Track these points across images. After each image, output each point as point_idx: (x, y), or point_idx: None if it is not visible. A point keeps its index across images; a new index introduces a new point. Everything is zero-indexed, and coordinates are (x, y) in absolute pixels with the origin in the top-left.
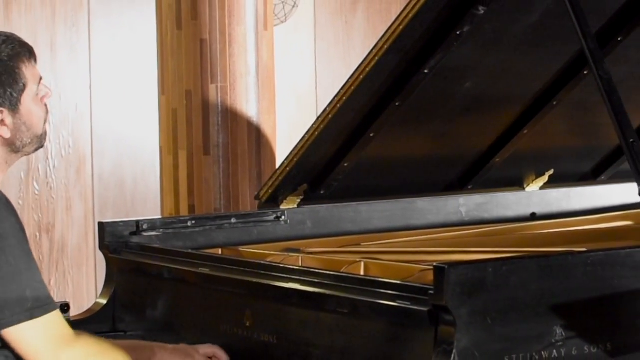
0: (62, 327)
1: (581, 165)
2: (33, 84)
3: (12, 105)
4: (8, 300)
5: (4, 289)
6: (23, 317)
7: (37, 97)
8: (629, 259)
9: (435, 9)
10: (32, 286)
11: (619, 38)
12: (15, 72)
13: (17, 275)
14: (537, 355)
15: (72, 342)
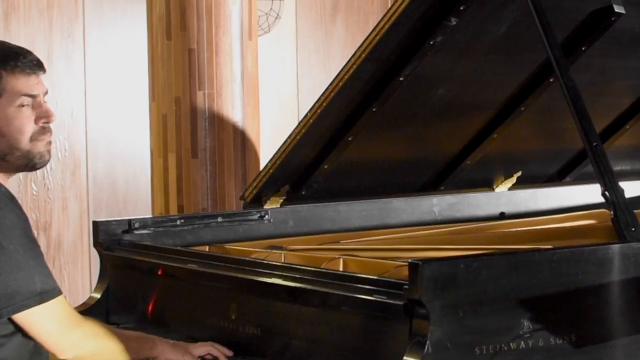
0: (69, 309)
1: (547, 167)
2: (17, 92)
3: None
4: (18, 287)
5: (14, 276)
6: (33, 302)
7: (22, 108)
8: (593, 256)
9: (410, 20)
10: (40, 273)
11: (582, 48)
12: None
13: (25, 263)
14: (505, 347)
15: (80, 323)
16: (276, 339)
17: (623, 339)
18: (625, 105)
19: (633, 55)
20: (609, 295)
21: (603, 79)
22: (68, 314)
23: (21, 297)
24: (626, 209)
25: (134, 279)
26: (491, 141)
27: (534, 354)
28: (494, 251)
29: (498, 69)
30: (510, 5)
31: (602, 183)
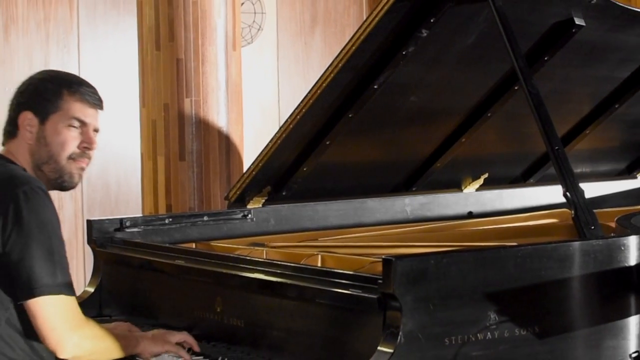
0: (77, 311)
1: (512, 169)
2: (70, 115)
3: (39, 114)
4: (41, 275)
5: (41, 264)
6: (53, 290)
7: (73, 128)
8: (555, 253)
9: (384, 32)
10: (62, 268)
11: (545, 58)
12: (56, 93)
13: (51, 255)
14: (473, 337)
15: (83, 325)
16: (258, 330)
17: (583, 330)
18: (585, 112)
19: (592, 65)
20: (570, 289)
21: (564, 87)
22: (74, 314)
23: (40, 284)
24: (586, 209)
25: (125, 274)
26: (460, 145)
27: (500, 344)
28: (462, 248)
29: (466, 78)
30: (478, 17)
31: (563, 184)
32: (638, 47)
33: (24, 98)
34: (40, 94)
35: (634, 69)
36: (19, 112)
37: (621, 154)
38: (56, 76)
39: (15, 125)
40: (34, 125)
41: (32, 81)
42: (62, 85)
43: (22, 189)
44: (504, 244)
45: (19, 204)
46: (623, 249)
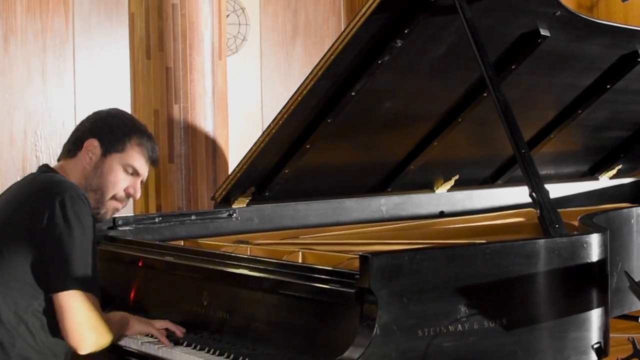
0: (100, 311)
1: (482, 171)
2: (129, 161)
3: (104, 146)
4: (77, 270)
5: (77, 261)
6: (82, 287)
7: (126, 174)
8: (521, 249)
9: (361, 42)
10: (94, 269)
11: (512, 66)
12: (126, 135)
13: (85, 256)
14: (445, 329)
15: (102, 323)
16: (242, 322)
17: (548, 323)
18: (550, 117)
19: (557, 73)
20: (536, 284)
21: (531, 94)
22: (97, 314)
23: (74, 279)
24: (551, 208)
25: (118, 270)
26: (432, 148)
27: (470, 336)
28: (434, 245)
29: (438, 85)
30: (449, 28)
31: (529, 185)
32: (600, 56)
33: (96, 126)
34: (112, 130)
35: (596, 77)
36: (87, 137)
37: (584, 156)
38: (132, 121)
39: (78, 147)
40: (96, 154)
41: (109, 115)
42: (134, 132)
43: (69, 192)
44: (473, 241)
45: (65, 204)
46: (585, 246)
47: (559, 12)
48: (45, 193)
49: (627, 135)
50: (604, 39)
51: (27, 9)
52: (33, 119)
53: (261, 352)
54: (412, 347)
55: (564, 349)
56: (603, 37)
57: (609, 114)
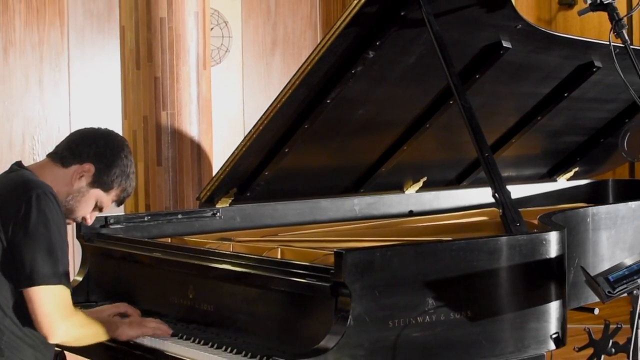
0: (68, 302)
1: (448, 173)
2: (105, 201)
3: (96, 179)
4: (43, 267)
5: (43, 257)
6: (50, 281)
7: (94, 206)
8: (485, 246)
9: (335, 53)
10: (63, 262)
11: (476, 76)
12: (118, 183)
13: (53, 250)
14: (414, 320)
15: (72, 315)
16: (226, 314)
17: (510, 314)
18: (511, 123)
19: (518, 82)
20: (498, 278)
21: (493, 101)
22: (66, 305)
23: (41, 275)
24: (512, 208)
25: (110, 265)
26: (402, 152)
27: (437, 327)
28: (404, 242)
29: (408, 93)
30: (418, 40)
31: (492, 186)
32: (558, 66)
33: (100, 154)
34: (110, 168)
35: (554, 85)
36: (87, 160)
37: (543, 160)
38: (128, 164)
39: (74, 161)
40: (84, 180)
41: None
42: (126, 180)
43: (36, 191)
44: (440, 238)
45: (31, 203)
46: (545, 244)
47: (520, 25)
48: (16, 192)
49: (583, 140)
50: (561, 50)
51: (25, 22)
52: (31, 125)
53: (243, 341)
54: (384, 337)
55: (525, 338)
56: (561, 49)
57: (566, 120)
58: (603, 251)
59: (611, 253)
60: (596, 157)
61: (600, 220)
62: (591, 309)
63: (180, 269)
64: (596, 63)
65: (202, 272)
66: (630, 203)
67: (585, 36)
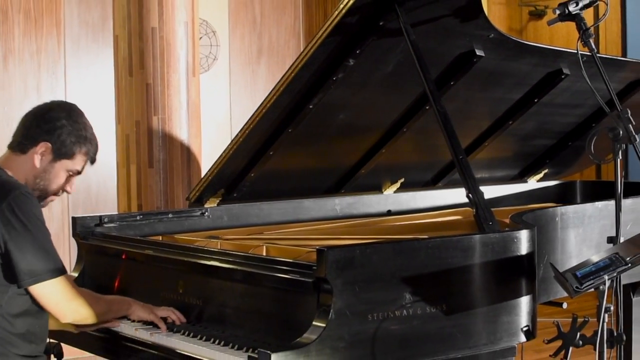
0: (70, 285)
1: (424, 174)
2: (75, 167)
3: (56, 153)
4: (39, 264)
5: (37, 255)
6: (50, 276)
7: (68, 175)
8: (459, 244)
9: (317, 61)
10: (54, 255)
11: (451, 82)
12: (78, 146)
13: (44, 247)
14: (392, 314)
15: (77, 295)
16: (213, 308)
17: (483, 308)
18: (484, 127)
19: (490, 88)
20: (472, 274)
21: (467, 106)
22: (70, 288)
23: (40, 272)
24: (485, 207)
25: (104, 262)
26: (380, 155)
27: (414, 320)
28: (382, 240)
29: (386, 99)
30: (396, 49)
31: (466, 187)
32: (528, 73)
33: (48, 129)
34: (64, 136)
35: (525, 91)
36: (40, 138)
37: (514, 162)
38: (82, 125)
39: (30, 145)
40: (46, 157)
41: (60, 118)
42: (85, 144)
43: (15, 193)
44: (417, 236)
45: (12, 206)
46: (516, 241)
47: (492, 34)
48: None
49: (552, 143)
50: (532, 58)
51: (24, 32)
52: None
53: (230, 334)
54: (363, 330)
55: (497, 331)
56: (531, 57)
57: (536, 125)
58: (571, 249)
59: (579, 250)
60: (565, 160)
61: (569, 220)
62: (560, 304)
63: (170, 265)
64: (565, 70)
65: (191, 268)
66: (597, 203)
67: (554, 45)
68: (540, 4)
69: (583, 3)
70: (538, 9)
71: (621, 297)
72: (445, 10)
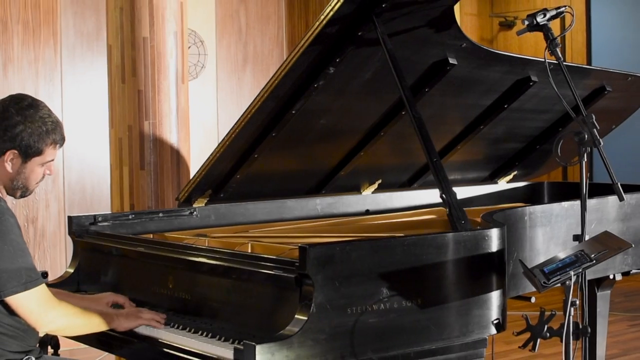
0: (47, 295)
1: (400, 176)
2: (47, 158)
3: (23, 155)
4: (9, 276)
5: (7, 267)
6: (20, 289)
7: (43, 166)
8: (433, 242)
9: (299, 69)
10: (26, 267)
11: (426, 89)
12: (42, 142)
13: (15, 259)
14: (370, 308)
15: (55, 306)
16: (201, 302)
17: (456, 302)
18: (457, 131)
19: (463, 94)
20: (445, 270)
21: (441, 112)
22: (46, 299)
23: (11, 285)
24: (458, 207)
25: (98, 258)
26: (359, 157)
27: (390, 313)
28: (361, 238)
29: (365, 104)
30: (374, 57)
31: (440, 188)
32: (498, 81)
33: (12, 139)
34: (28, 140)
35: (495, 98)
36: (5, 149)
37: (485, 164)
38: (41, 121)
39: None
40: (16, 163)
41: (19, 122)
42: (49, 136)
43: None
44: (394, 234)
45: None
46: (487, 239)
47: (465, 44)
48: None
49: (521, 147)
50: (502, 67)
51: (23, 41)
52: None
53: (217, 326)
54: (343, 323)
55: (469, 324)
56: (501, 65)
57: (506, 129)
58: (539, 246)
59: (546, 248)
60: (533, 162)
61: (537, 219)
62: (528, 298)
63: (161, 261)
64: (533, 78)
65: (180, 264)
66: (564, 203)
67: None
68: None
69: (550, 14)
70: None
71: (586, 292)
72: (420, 21)
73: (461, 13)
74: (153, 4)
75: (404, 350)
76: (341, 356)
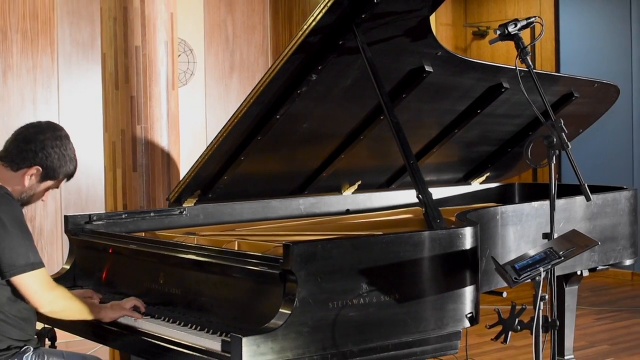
0: (48, 278)
1: (379, 177)
2: (54, 186)
3: (43, 176)
4: (18, 258)
5: (16, 251)
6: (27, 269)
7: (46, 191)
8: (410, 240)
9: (283, 76)
10: (32, 251)
11: (403, 95)
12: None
13: (23, 242)
14: (350, 302)
15: (55, 288)
16: (191, 297)
17: (431, 297)
18: (433, 135)
19: (438, 100)
20: (422, 267)
21: (418, 117)
22: (47, 281)
23: (19, 265)
24: (433, 207)
25: (93, 255)
26: (340, 160)
27: (370, 307)
28: (342, 236)
29: (345, 110)
30: (354, 65)
31: (416, 188)
32: (472, 87)
33: (43, 155)
34: (53, 162)
35: (469, 103)
36: (33, 162)
37: (459, 166)
38: (69, 153)
39: (23, 165)
40: (34, 180)
41: (57, 148)
42: (68, 167)
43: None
44: (373, 233)
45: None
46: (461, 237)
47: (440, 52)
48: None
49: (494, 150)
50: (475, 74)
51: (21, 50)
52: None
53: (206, 320)
54: (325, 316)
55: (444, 317)
56: (474, 72)
57: (479, 133)
58: (510, 244)
59: (517, 245)
60: (504, 164)
61: (508, 218)
62: (500, 293)
63: (152, 258)
64: (504, 84)
65: (171, 261)
66: (534, 203)
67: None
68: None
69: (521, 24)
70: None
71: (555, 287)
72: (398, 30)
73: (437, 23)
74: (145, 14)
75: (383, 342)
76: (323, 348)
